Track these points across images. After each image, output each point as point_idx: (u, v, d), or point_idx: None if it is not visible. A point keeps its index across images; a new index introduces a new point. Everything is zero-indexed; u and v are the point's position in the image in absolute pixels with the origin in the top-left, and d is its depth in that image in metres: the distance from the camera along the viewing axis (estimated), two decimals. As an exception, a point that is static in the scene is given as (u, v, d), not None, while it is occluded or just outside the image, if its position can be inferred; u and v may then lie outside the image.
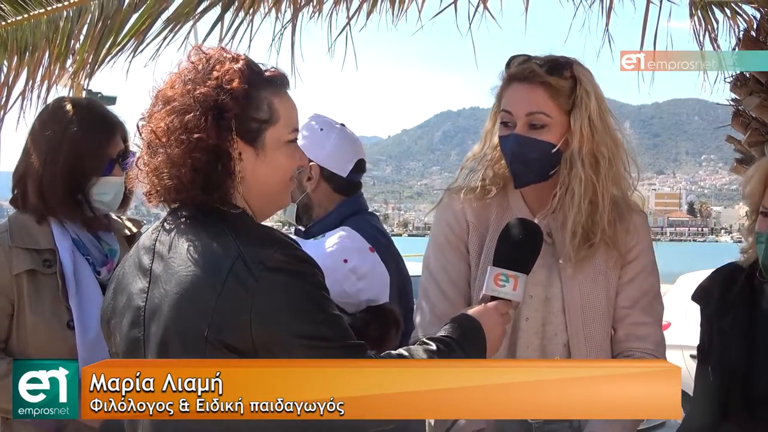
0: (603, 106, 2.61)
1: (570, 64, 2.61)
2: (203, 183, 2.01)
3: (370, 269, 2.63)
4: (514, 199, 2.71)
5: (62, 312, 2.89)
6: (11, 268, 2.91)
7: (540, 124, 2.58)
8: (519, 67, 2.61)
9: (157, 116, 2.05)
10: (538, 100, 2.58)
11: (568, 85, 2.59)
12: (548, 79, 2.57)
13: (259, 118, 2.06)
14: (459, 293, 2.69)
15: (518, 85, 2.61)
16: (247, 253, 1.93)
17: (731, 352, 2.66)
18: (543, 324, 2.64)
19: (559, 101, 2.58)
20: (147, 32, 4.31)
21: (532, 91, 2.58)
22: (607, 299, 2.65)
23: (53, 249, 2.94)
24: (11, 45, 4.52)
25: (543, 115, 2.57)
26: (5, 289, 2.91)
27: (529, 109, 2.58)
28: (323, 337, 1.92)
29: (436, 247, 2.76)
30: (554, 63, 2.60)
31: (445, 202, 2.78)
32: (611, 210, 2.62)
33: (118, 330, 2.10)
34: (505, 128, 2.64)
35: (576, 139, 2.58)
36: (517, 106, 2.60)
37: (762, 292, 2.70)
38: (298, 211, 3.18)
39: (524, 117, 2.59)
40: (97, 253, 3.04)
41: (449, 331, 2.14)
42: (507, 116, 2.62)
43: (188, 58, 2.11)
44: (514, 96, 2.61)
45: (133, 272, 2.10)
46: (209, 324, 1.90)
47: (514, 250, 2.36)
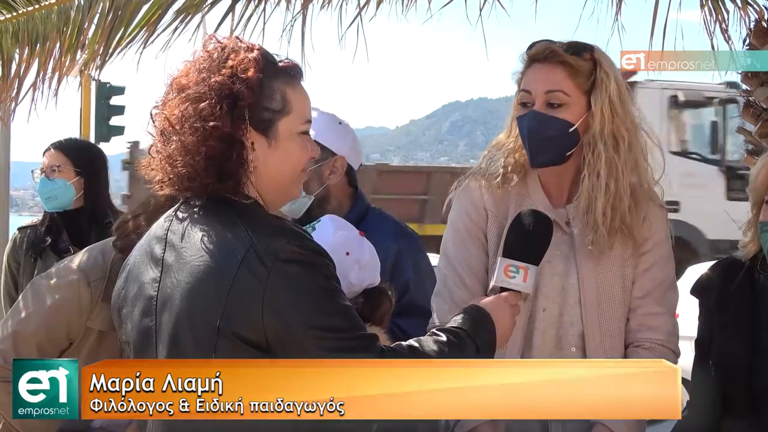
0: (622, 90, 2.63)
1: (591, 48, 2.64)
2: (217, 171, 2.03)
3: (369, 257, 2.64)
4: (534, 187, 2.72)
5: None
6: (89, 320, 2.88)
7: (558, 103, 2.60)
8: (539, 47, 2.64)
9: (171, 104, 2.07)
10: (556, 79, 2.60)
11: (587, 66, 2.61)
12: (567, 58, 2.59)
13: (272, 108, 2.07)
14: (477, 280, 2.71)
15: (538, 65, 2.63)
16: (260, 244, 1.95)
17: (733, 347, 2.66)
18: (560, 314, 2.65)
19: (578, 81, 2.60)
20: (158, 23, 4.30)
21: (551, 70, 2.61)
22: (623, 290, 2.66)
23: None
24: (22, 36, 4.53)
25: (562, 94, 2.60)
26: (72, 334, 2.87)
27: (547, 87, 2.60)
28: (335, 327, 1.94)
29: (455, 234, 2.78)
30: (575, 44, 2.63)
31: (465, 189, 2.79)
32: (629, 197, 2.63)
33: (129, 319, 2.12)
34: (524, 108, 2.66)
35: (597, 120, 2.60)
36: (536, 84, 2.62)
37: (763, 286, 2.69)
38: (313, 203, 3.18)
39: (543, 95, 2.61)
40: None
41: (459, 322, 2.16)
42: (526, 96, 2.65)
43: (204, 47, 2.13)
44: (533, 75, 2.64)
45: (145, 261, 2.11)
46: (221, 314, 1.92)
47: (525, 241, 2.37)
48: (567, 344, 2.66)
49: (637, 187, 2.68)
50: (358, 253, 2.61)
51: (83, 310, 2.88)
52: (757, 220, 2.70)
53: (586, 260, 2.66)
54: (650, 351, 2.66)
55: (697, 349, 2.82)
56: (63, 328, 2.89)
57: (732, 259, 2.82)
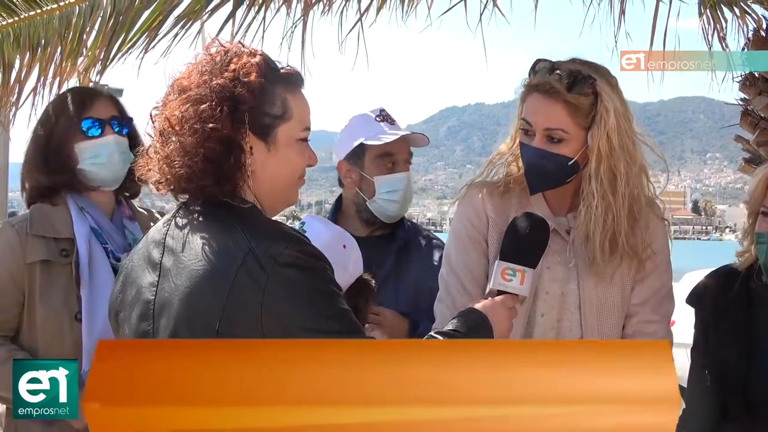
0: (623, 122, 2.62)
1: (593, 80, 2.61)
2: (215, 174, 2.04)
3: (356, 248, 2.67)
4: (535, 196, 2.73)
5: (73, 303, 2.90)
6: (25, 257, 2.92)
7: (558, 138, 2.61)
8: (541, 78, 2.62)
9: (172, 105, 2.07)
10: (556, 116, 2.61)
11: (588, 101, 2.60)
12: (568, 97, 2.58)
13: (272, 113, 2.08)
14: (478, 287, 2.73)
15: (539, 96, 2.63)
16: (258, 248, 1.95)
17: (729, 356, 2.67)
18: (558, 320, 2.67)
19: (577, 119, 2.61)
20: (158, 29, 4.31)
21: (550, 106, 2.61)
22: (622, 296, 2.68)
23: (72, 238, 2.95)
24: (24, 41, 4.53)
25: (560, 131, 2.60)
26: (17, 278, 2.92)
27: (547, 125, 2.61)
28: (333, 331, 1.95)
29: (457, 241, 2.80)
30: (576, 78, 2.61)
31: (467, 196, 2.81)
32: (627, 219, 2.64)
33: (127, 323, 2.12)
34: (525, 136, 2.67)
35: (594, 157, 2.61)
36: (536, 118, 2.63)
37: (759, 296, 2.70)
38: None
39: (542, 130, 2.62)
40: (119, 240, 3.05)
41: (457, 325, 2.18)
42: (526, 125, 2.66)
43: (206, 50, 2.13)
44: (533, 107, 2.64)
45: (142, 266, 2.12)
46: (220, 318, 1.92)
47: (521, 245, 2.39)
48: None
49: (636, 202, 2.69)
50: (351, 244, 2.63)
51: (16, 249, 2.94)
52: (753, 229, 2.71)
53: (586, 267, 2.68)
54: None
55: (693, 357, 2.83)
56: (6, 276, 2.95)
57: (728, 268, 2.83)
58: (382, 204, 3.30)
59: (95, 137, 3.03)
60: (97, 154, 3.02)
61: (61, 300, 2.91)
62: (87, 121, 3.02)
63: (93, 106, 3.06)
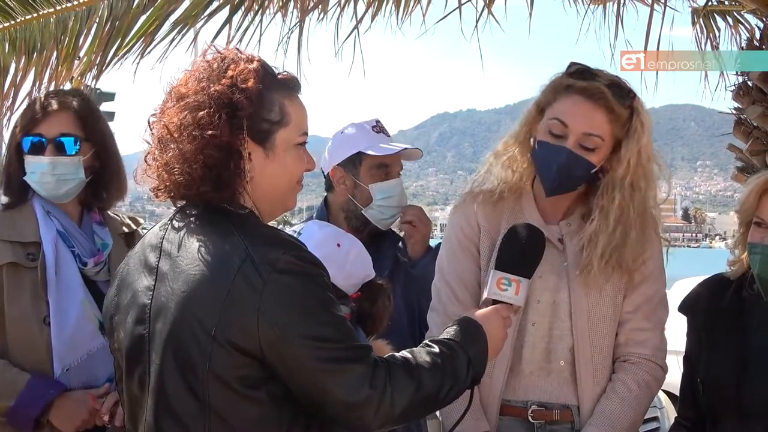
0: (650, 139, 2.62)
1: (633, 94, 2.61)
2: (214, 180, 2.02)
3: (358, 248, 2.66)
4: (528, 205, 2.74)
5: (41, 307, 2.86)
6: None
7: (592, 146, 2.59)
8: (586, 82, 2.59)
9: (170, 112, 2.05)
10: (598, 122, 2.58)
11: (626, 114, 2.59)
12: (613, 104, 2.56)
13: (270, 119, 2.06)
14: (470, 294, 2.73)
15: (580, 99, 2.59)
16: (256, 254, 1.94)
17: (721, 365, 2.66)
18: (550, 328, 2.67)
19: (615, 127, 2.59)
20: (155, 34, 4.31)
21: (593, 110, 2.58)
22: (613, 305, 2.68)
23: (39, 242, 2.92)
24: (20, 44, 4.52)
25: (598, 138, 2.58)
26: None
27: (587, 129, 2.58)
28: (330, 338, 1.94)
29: (449, 249, 2.81)
30: (619, 88, 2.59)
31: (460, 204, 2.82)
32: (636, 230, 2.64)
33: (122, 327, 2.10)
34: (553, 138, 2.62)
35: (622, 168, 2.60)
36: (576, 120, 2.59)
37: (751, 305, 2.69)
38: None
39: (580, 134, 2.58)
40: (87, 245, 3.01)
41: (452, 334, 2.16)
42: (560, 127, 2.61)
43: (203, 56, 2.12)
44: (574, 110, 2.60)
45: (139, 269, 2.10)
46: (216, 323, 1.90)
47: (517, 255, 2.38)
48: (556, 358, 2.68)
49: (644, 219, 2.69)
50: (348, 244, 2.62)
51: None
52: (745, 239, 2.71)
53: (578, 276, 2.67)
54: (637, 366, 2.69)
55: (686, 366, 2.83)
56: None
57: (720, 277, 2.83)
58: (379, 210, 3.31)
59: (32, 155, 2.99)
60: (32, 171, 2.99)
61: (29, 304, 2.86)
62: (27, 139, 2.99)
63: (42, 122, 2.99)
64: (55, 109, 3.02)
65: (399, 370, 2.00)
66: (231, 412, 1.92)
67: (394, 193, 3.32)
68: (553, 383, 2.67)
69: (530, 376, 2.67)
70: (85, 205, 3.10)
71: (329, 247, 2.53)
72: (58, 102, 3.03)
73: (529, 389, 2.68)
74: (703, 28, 5.11)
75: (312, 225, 2.71)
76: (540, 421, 2.66)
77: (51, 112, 3.01)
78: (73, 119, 3.02)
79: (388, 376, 1.95)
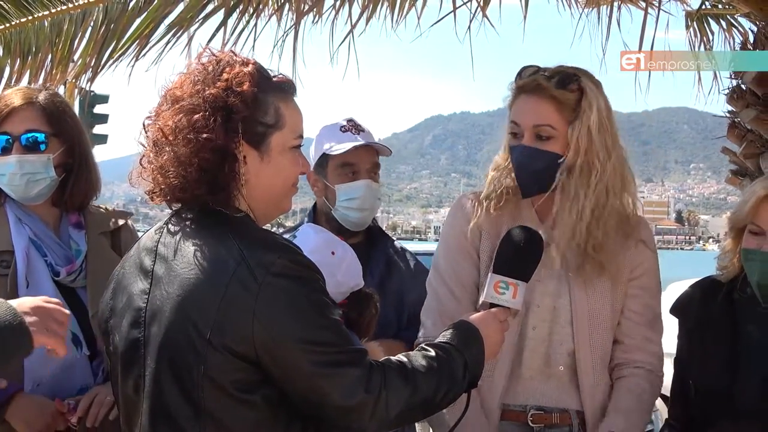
0: (604, 120, 2.63)
1: (577, 77, 2.63)
2: (209, 183, 2.01)
3: (351, 257, 2.65)
4: (526, 209, 2.74)
5: None
6: None
7: (546, 136, 2.61)
8: (527, 79, 2.64)
9: (165, 115, 2.04)
10: (544, 113, 2.61)
11: (574, 98, 2.61)
12: (555, 92, 2.59)
13: (265, 122, 2.06)
14: (467, 295, 2.72)
15: (526, 97, 2.64)
16: (251, 258, 1.93)
17: (713, 368, 2.66)
18: (549, 333, 2.67)
19: (564, 114, 2.61)
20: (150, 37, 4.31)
21: (538, 103, 2.61)
22: (612, 311, 2.68)
23: (11, 250, 2.83)
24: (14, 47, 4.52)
25: (549, 128, 2.60)
26: None
27: (535, 122, 2.61)
28: (325, 341, 1.93)
29: (447, 250, 2.79)
30: (562, 76, 2.62)
31: (459, 206, 2.81)
32: (616, 227, 2.64)
33: (117, 330, 2.09)
34: (514, 138, 2.67)
35: (572, 150, 2.61)
36: (524, 117, 2.63)
37: (743, 308, 2.70)
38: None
39: (531, 128, 2.61)
40: (60, 253, 2.91)
41: (448, 337, 2.16)
42: (515, 127, 2.66)
43: (198, 59, 2.12)
44: (521, 108, 2.65)
45: (134, 273, 2.10)
46: (212, 327, 1.90)
47: (515, 258, 2.36)
48: (555, 362, 2.67)
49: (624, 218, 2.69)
50: (342, 252, 2.62)
51: None
52: (736, 245, 2.72)
53: (578, 281, 2.68)
54: (635, 374, 2.69)
55: (677, 368, 2.83)
56: None
57: (712, 279, 2.83)
58: (343, 212, 3.29)
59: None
60: (2, 173, 2.87)
61: None
62: None
63: (7, 120, 2.85)
64: (19, 105, 2.86)
65: (394, 373, 1.99)
66: (226, 415, 1.91)
67: (358, 195, 3.25)
68: (553, 387, 2.67)
69: (530, 380, 2.67)
70: (60, 206, 2.97)
71: (324, 254, 2.52)
72: (22, 96, 2.87)
73: (528, 393, 2.67)
74: (697, 32, 5.13)
75: (308, 228, 2.71)
76: (539, 424, 2.66)
77: (15, 108, 2.85)
78: (39, 114, 2.87)
79: (383, 380, 1.95)
